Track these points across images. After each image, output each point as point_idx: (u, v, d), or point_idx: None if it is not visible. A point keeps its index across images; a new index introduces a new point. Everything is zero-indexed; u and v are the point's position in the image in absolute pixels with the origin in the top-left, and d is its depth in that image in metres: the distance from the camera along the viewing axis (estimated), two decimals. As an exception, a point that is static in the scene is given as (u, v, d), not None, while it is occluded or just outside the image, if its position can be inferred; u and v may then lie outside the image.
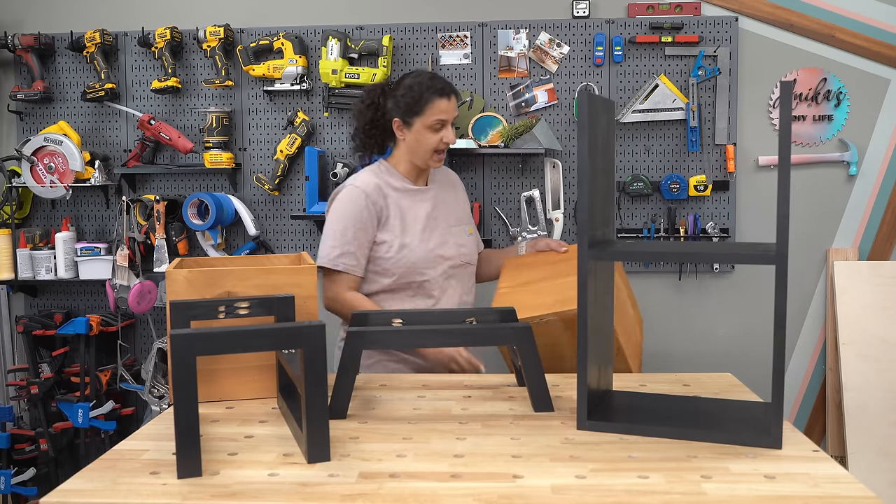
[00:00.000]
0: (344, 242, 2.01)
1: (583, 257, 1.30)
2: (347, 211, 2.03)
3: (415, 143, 2.05)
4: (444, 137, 2.03)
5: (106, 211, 3.09)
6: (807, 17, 2.85)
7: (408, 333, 1.44)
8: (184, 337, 1.11)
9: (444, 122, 2.03)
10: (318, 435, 1.18)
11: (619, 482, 1.09)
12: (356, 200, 2.03)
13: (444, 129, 2.03)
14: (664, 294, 2.94)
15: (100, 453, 1.35)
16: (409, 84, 2.05)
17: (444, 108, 2.02)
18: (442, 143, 2.04)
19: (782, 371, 1.20)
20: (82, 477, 1.15)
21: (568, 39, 2.89)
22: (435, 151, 2.05)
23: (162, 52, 2.92)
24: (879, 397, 2.77)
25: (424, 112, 2.02)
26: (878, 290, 2.83)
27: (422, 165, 2.10)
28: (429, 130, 2.02)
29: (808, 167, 2.89)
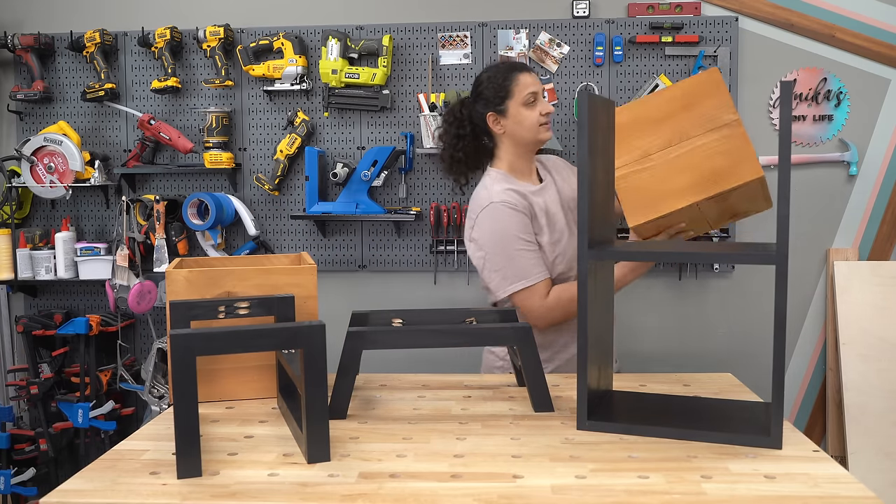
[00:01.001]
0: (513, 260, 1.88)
1: (583, 257, 1.30)
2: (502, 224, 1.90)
3: (516, 126, 1.97)
4: (541, 109, 1.96)
5: (106, 211, 3.09)
6: (807, 17, 2.85)
7: (408, 333, 1.44)
8: (184, 337, 1.11)
9: (535, 94, 1.96)
10: (318, 435, 1.18)
11: (619, 482, 1.09)
12: (505, 210, 1.90)
13: (538, 102, 1.97)
14: (664, 294, 2.94)
15: (100, 453, 1.35)
16: (486, 77, 2.02)
17: (529, 82, 1.97)
18: (542, 116, 1.96)
19: (782, 371, 1.20)
20: (82, 477, 1.15)
21: (568, 39, 2.89)
22: (538, 125, 1.97)
23: (162, 52, 2.92)
24: (879, 397, 2.77)
25: (513, 91, 1.96)
26: (878, 290, 2.83)
27: (533, 144, 1.99)
28: (525, 107, 1.95)
29: (808, 167, 2.89)
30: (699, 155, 1.53)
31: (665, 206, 1.54)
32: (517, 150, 2.00)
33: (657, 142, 1.57)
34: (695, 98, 1.54)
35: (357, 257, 3.02)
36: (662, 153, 1.57)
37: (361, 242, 3.02)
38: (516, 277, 1.86)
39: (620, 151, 1.60)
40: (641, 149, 1.59)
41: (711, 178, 1.52)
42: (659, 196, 1.55)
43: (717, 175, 1.52)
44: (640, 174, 1.57)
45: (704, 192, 1.52)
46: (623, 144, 1.61)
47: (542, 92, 1.99)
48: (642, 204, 1.54)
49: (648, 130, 1.59)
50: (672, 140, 1.56)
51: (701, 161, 1.53)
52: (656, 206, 1.55)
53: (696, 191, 1.52)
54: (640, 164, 1.57)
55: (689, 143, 1.54)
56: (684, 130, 1.57)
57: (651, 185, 1.57)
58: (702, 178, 1.53)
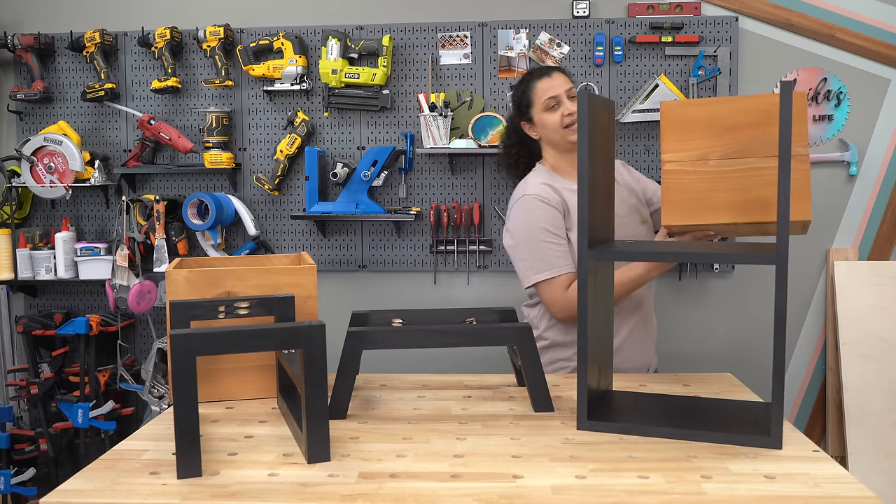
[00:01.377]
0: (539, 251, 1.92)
1: (583, 257, 1.30)
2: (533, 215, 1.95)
3: (544, 131, 2.03)
4: (563, 111, 1.98)
5: (106, 211, 3.09)
6: (807, 17, 2.85)
7: (408, 333, 1.44)
8: (184, 337, 1.11)
9: (556, 97, 1.98)
10: (318, 435, 1.18)
11: (619, 482, 1.09)
12: (536, 204, 1.95)
13: (560, 105, 1.98)
14: (664, 294, 2.94)
15: (100, 453, 1.35)
16: (514, 88, 2.12)
17: (547, 87, 2.00)
18: (566, 119, 1.97)
19: (782, 371, 1.20)
20: (82, 477, 1.15)
21: (568, 39, 2.89)
22: (564, 128, 1.98)
23: (162, 52, 2.92)
24: (879, 397, 2.77)
25: (533, 99, 2.02)
26: (878, 290, 2.83)
27: (565, 145, 2.02)
28: (547, 112, 1.99)
29: (808, 167, 2.88)
30: (755, 178, 1.46)
31: (705, 216, 1.49)
32: (555, 151, 2.06)
33: (719, 149, 1.50)
34: (772, 118, 1.45)
35: (357, 257, 3.02)
36: (720, 162, 1.50)
37: (361, 242, 3.02)
38: (540, 268, 1.91)
39: (680, 144, 1.53)
40: (701, 150, 1.52)
41: (760, 205, 1.46)
42: (701, 204, 1.50)
43: (766, 204, 1.44)
44: (691, 176, 1.51)
45: (747, 217, 1.46)
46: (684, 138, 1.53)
47: (566, 93, 1.98)
48: (682, 206, 1.49)
49: (715, 134, 1.51)
50: (734, 153, 1.48)
51: (755, 185, 1.46)
52: (696, 213, 1.50)
53: (739, 212, 1.47)
54: (694, 167, 1.50)
55: (750, 163, 1.47)
56: (749, 148, 1.49)
57: (697, 191, 1.51)
58: (750, 201, 1.47)
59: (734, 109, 1.49)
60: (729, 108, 1.50)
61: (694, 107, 1.53)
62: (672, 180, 1.52)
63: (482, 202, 2.93)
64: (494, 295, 2.97)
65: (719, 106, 1.52)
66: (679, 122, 1.54)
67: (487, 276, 2.99)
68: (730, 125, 1.49)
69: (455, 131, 2.91)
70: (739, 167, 1.47)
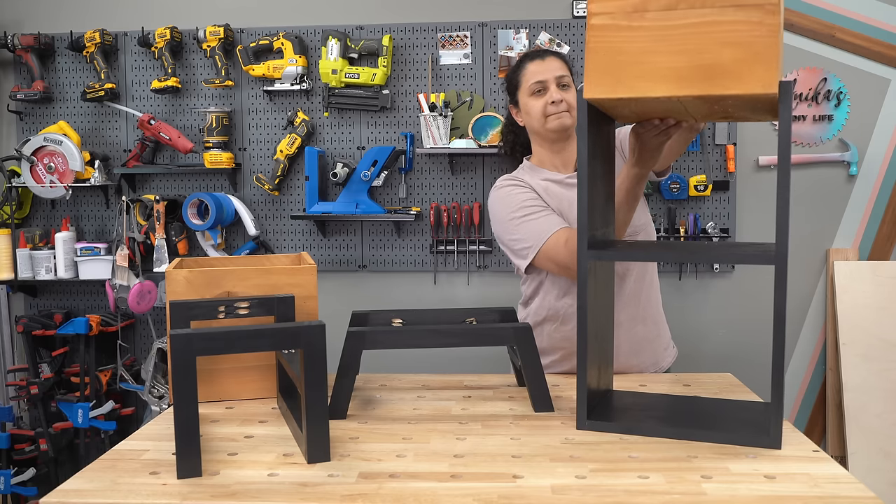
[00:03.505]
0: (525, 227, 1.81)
1: (583, 257, 1.30)
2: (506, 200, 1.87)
3: (528, 117, 1.92)
4: (548, 99, 1.84)
5: (106, 211, 3.09)
6: (807, 17, 2.85)
7: (408, 333, 1.44)
8: (184, 337, 1.11)
9: (543, 83, 1.85)
10: (318, 435, 1.18)
11: (619, 482, 1.09)
12: (507, 190, 1.89)
13: (545, 92, 1.85)
14: (664, 294, 2.93)
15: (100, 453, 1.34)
16: (508, 70, 1.99)
17: (536, 70, 1.87)
18: (549, 107, 1.85)
19: (782, 371, 1.20)
20: (82, 477, 1.15)
21: (568, 39, 2.89)
22: (546, 116, 1.86)
23: (162, 52, 2.92)
24: (879, 397, 2.77)
25: (521, 81, 1.90)
26: (878, 290, 2.83)
27: (546, 133, 1.90)
28: (531, 97, 1.87)
29: (808, 167, 2.89)
30: (706, 35, 1.15)
31: (640, 86, 1.18)
32: (538, 140, 1.95)
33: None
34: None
35: (357, 257, 3.02)
36: (661, 14, 1.17)
37: (361, 242, 3.02)
38: (535, 241, 1.80)
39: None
40: None
41: (709, 72, 1.15)
42: (636, 71, 1.18)
43: (716, 71, 1.15)
44: (623, 33, 1.18)
45: (697, 88, 1.16)
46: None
47: (556, 79, 1.84)
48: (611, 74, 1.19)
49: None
50: (681, 1, 1.17)
51: (705, 44, 1.15)
52: (628, 82, 1.19)
53: (687, 82, 1.16)
54: (628, 20, 1.18)
55: (700, 14, 1.15)
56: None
57: (630, 54, 1.19)
58: (697, 68, 1.16)
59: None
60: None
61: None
62: (599, 40, 1.21)
63: (482, 202, 2.93)
64: (494, 295, 2.97)
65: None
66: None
67: (487, 276, 2.99)
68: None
69: (455, 131, 2.91)
70: (687, 21, 1.17)
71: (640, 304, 1.89)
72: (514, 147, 2.05)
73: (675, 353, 1.99)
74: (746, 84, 1.14)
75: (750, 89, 1.14)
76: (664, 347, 1.95)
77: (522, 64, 1.91)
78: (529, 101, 1.87)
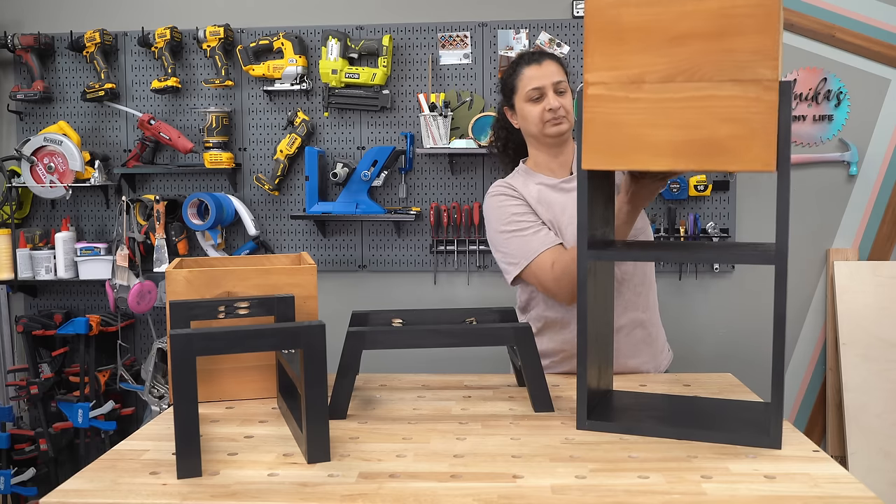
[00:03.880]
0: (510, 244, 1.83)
1: (582, 257, 1.30)
2: (497, 212, 1.88)
3: (524, 122, 1.91)
4: (546, 105, 1.83)
5: (106, 211, 3.09)
6: (807, 17, 2.85)
7: (408, 333, 1.44)
8: (184, 337, 1.11)
9: (541, 89, 1.83)
10: (318, 435, 1.18)
11: (619, 482, 1.09)
12: (499, 200, 1.89)
13: (543, 98, 1.84)
14: (664, 294, 2.93)
15: (100, 453, 1.34)
16: (503, 71, 1.97)
17: (533, 75, 1.84)
18: (547, 113, 1.83)
19: (782, 371, 1.20)
20: (82, 477, 1.15)
21: (568, 39, 2.89)
22: (543, 122, 1.85)
23: (162, 52, 2.92)
24: (879, 397, 2.77)
25: (517, 87, 1.87)
26: (878, 290, 2.83)
27: (543, 139, 1.89)
28: (529, 103, 1.85)
29: (808, 167, 2.89)
30: (704, 110, 1.14)
31: (637, 159, 1.18)
32: (533, 144, 1.95)
33: (659, 67, 1.16)
34: (734, 25, 1.11)
35: (357, 257, 3.02)
36: (658, 87, 1.16)
37: (361, 242, 3.02)
38: (519, 256, 1.81)
39: (608, 60, 1.19)
40: (636, 69, 1.17)
41: (706, 148, 1.15)
42: (633, 144, 1.18)
43: (714, 147, 1.14)
44: (621, 104, 1.18)
45: (694, 163, 1.16)
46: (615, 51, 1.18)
47: (553, 85, 1.83)
48: (608, 146, 1.20)
49: (655, 47, 1.16)
50: (679, 73, 1.15)
51: (703, 118, 1.14)
52: (626, 155, 1.19)
53: (681, 157, 1.16)
54: (625, 91, 1.17)
55: (697, 88, 1.14)
56: (699, 66, 1.14)
57: (628, 126, 1.18)
58: (695, 142, 1.15)
59: (683, 12, 1.15)
60: (677, 10, 1.16)
61: (631, 6, 1.18)
62: (596, 110, 1.20)
63: (482, 202, 2.92)
64: (494, 295, 2.97)
65: (665, 7, 1.16)
66: (608, 27, 1.19)
67: (487, 276, 2.99)
68: (676, 35, 1.15)
69: (455, 131, 2.91)
70: (685, 94, 1.15)
71: (639, 308, 1.88)
72: (506, 144, 2.04)
73: (671, 356, 2.00)
74: (744, 161, 1.14)
75: (747, 167, 1.14)
76: (661, 350, 1.95)
77: (519, 68, 1.88)
78: (526, 106, 1.86)
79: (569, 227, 1.83)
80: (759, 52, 1.12)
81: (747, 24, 1.12)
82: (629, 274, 1.84)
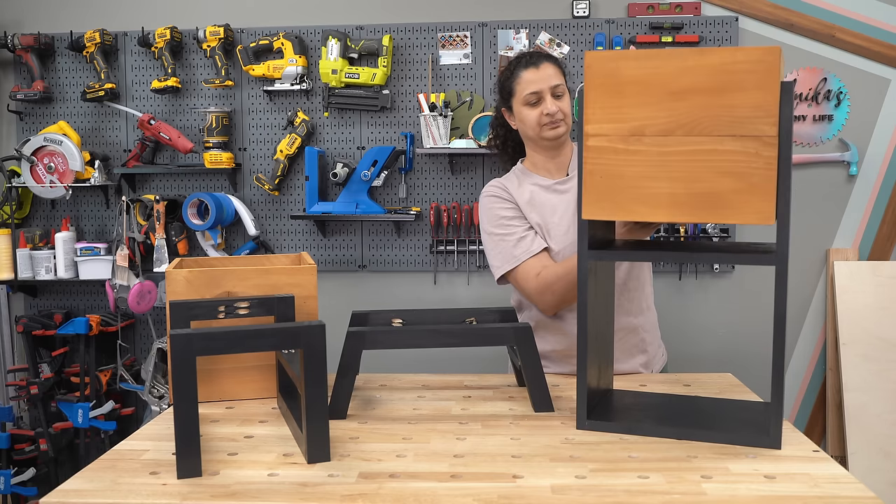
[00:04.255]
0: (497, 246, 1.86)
1: (583, 257, 1.30)
2: (487, 213, 1.91)
3: (522, 125, 1.91)
4: (543, 109, 1.82)
5: (106, 211, 3.09)
6: (807, 17, 2.85)
7: (408, 333, 1.44)
8: (184, 337, 1.11)
9: (538, 93, 1.82)
10: (319, 435, 1.18)
11: (619, 482, 1.09)
12: (489, 201, 1.91)
13: (541, 102, 1.82)
14: (664, 294, 2.94)
15: (100, 453, 1.35)
16: (500, 72, 1.96)
17: (531, 79, 1.82)
18: (544, 117, 1.82)
19: (782, 371, 1.20)
20: (82, 477, 1.15)
21: (568, 39, 2.89)
22: (540, 125, 1.84)
23: (162, 52, 2.92)
24: (879, 397, 2.77)
25: (515, 90, 1.86)
26: (878, 290, 2.83)
27: (540, 141, 1.89)
28: (526, 107, 1.84)
29: (808, 167, 2.89)
30: (703, 163, 1.16)
31: (637, 210, 1.20)
32: (531, 146, 1.95)
33: (659, 121, 1.17)
34: (734, 81, 1.12)
35: (357, 257, 3.02)
36: (659, 140, 1.17)
37: (361, 242, 3.02)
38: (503, 261, 1.85)
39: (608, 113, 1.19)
40: (636, 122, 1.18)
41: (706, 201, 1.16)
42: (633, 196, 1.20)
43: (714, 201, 1.16)
44: (621, 156, 1.19)
45: (691, 216, 1.17)
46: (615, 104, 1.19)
47: (551, 89, 1.82)
48: (608, 197, 1.22)
49: (656, 101, 1.17)
50: (679, 127, 1.16)
51: (702, 172, 1.16)
52: (626, 206, 1.21)
53: (681, 209, 1.18)
54: (626, 144, 1.18)
55: (697, 142, 1.15)
56: (700, 120, 1.15)
57: (628, 178, 1.19)
58: (695, 195, 1.16)
59: (683, 68, 1.15)
60: (677, 64, 1.16)
61: (630, 60, 1.18)
62: (596, 162, 1.21)
63: (482, 202, 2.93)
64: (494, 295, 2.96)
65: (665, 61, 1.17)
66: (609, 80, 1.20)
67: (487, 276, 2.99)
68: (676, 89, 1.16)
69: (455, 131, 2.91)
70: (684, 148, 1.16)
71: (632, 314, 1.87)
72: (505, 142, 2.04)
73: (665, 358, 2.01)
74: (743, 215, 1.16)
75: (747, 220, 1.16)
76: (654, 356, 1.94)
77: (516, 71, 1.87)
78: (524, 109, 1.86)
79: (557, 228, 1.85)
80: (760, 108, 1.13)
81: (748, 80, 1.13)
82: (622, 279, 1.84)
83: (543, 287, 1.77)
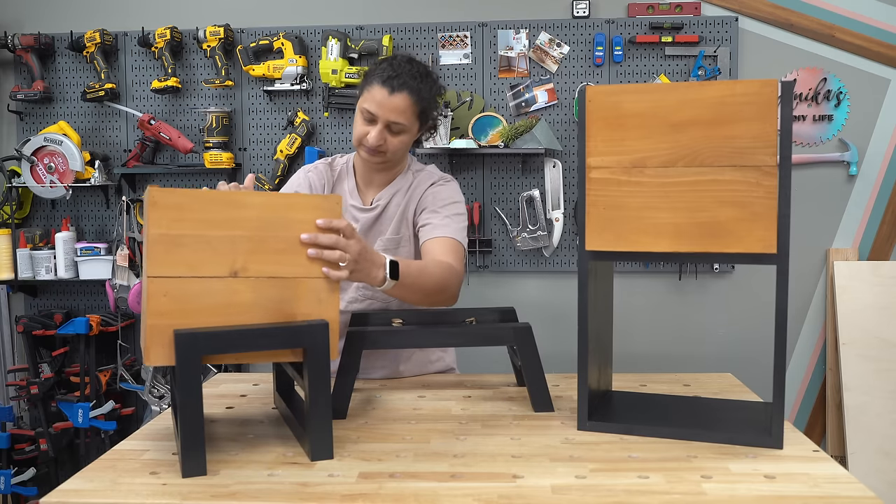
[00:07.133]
0: None
1: (583, 257, 1.30)
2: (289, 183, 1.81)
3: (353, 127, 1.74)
4: (369, 132, 1.65)
5: (106, 211, 3.09)
6: (807, 17, 2.85)
7: (408, 333, 1.44)
8: (189, 336, 1.11)
9: (374, 116, 1.65)
10: (322, 432, 1.18)
11: (619, 482, 1.09)
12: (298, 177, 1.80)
13: (372, 125, 1.66)
14: (664, 294, 2.94)
15: (100, 453, 1.34)
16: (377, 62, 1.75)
17: (376, 100, 1.64)
18: (366, 139, 1.66)
19: (783, 370, 1.20)
20: (82, 477, 1.15)
21: (568, 39, 2.89)
22: (359, 142, 1.69)
23: (162, 52, 2.92)
24: (879, 397, 2.77)
25: (363, 94, 1.69)
26: (878, 290, 2.83)
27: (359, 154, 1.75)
28: (360, 116, 1.68)
29: (808, 167, 2.89)
30: (705, 193, 1.18)
31: (640, 241, 1.22)
32: None
33: (661, 153, 1.20)
34: (734, 114, 1.16)
35: (357, 257, 3.02)
36: (660, 171, 1.20)
37: (361, 242, 3.01)
38: None
39: (610, 145, 1.22)
40: (638, 154, 1.21)
41: (708, 230, 1.19)
42: (636, 226, 1.23)
43: (716, 230, 1.18)
44: (622, 189, 1.22)
45: (693, 246, 1.20)
46: (617, 136, 1.22)
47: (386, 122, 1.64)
48: (611, 228, 1.24)
49: (657, 132, 1.20)
50: (680, 159, 1.19)
51: (704, 202, 1.18)
52: (629, 237, 1.23)
53: (683, 239, 1.20)
54: (628, 175, 1.22)
55: (698, 172, 1.18)
56: (700, 152, 1.18)
57: (630, 209, 1.22)
58: (697, 225, 1.19)
59: (684, 100, 1.19)
60: (677, 97, 1.19)
61: (631, 94, 1.21)
62: (598, 193, 1.24)
63: (482, 202, 2.93)
64: (494, 295, 2.97)
65: (665, 94, 1.20)
66: (610, 113, 1.22)
67: (487, 276, 2.99)
68: (677, 121, 1.19)
69: (455, 131, 2.91)
70: (686, 178, 1.19)
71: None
72: None
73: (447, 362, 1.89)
74: (745, 244, 1.18)
75: (749, 248, 1.18)
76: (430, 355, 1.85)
77: (373, 79, 1.67)
78: (358, 116, 1.70)
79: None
80: (759, 139, 1.16)
81: (746, 111, 1.16)
82: None
83: None
